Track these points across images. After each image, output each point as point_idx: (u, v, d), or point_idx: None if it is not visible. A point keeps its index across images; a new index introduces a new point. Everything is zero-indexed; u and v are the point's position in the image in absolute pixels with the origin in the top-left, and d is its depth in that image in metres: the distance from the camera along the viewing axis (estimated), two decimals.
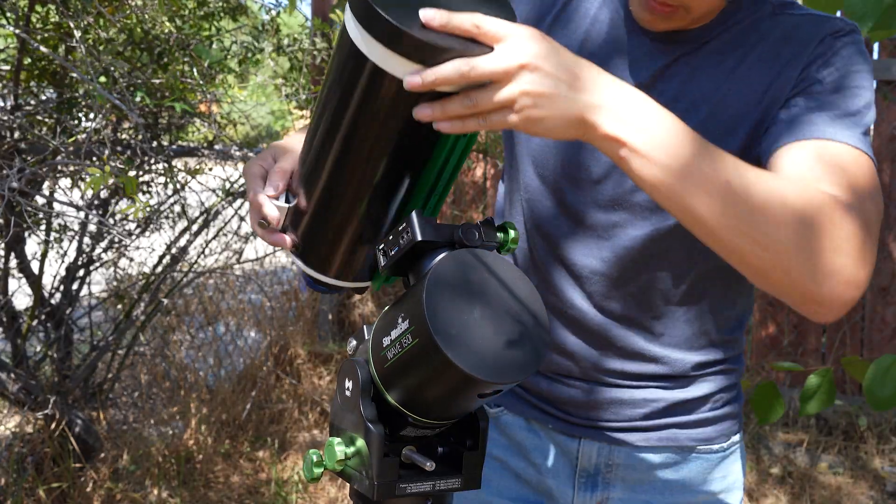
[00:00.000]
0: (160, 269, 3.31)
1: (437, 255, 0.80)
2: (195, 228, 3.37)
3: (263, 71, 3.56)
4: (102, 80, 2.40)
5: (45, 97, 2.70)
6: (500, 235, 0.85)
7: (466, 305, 0.76)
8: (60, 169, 2.57)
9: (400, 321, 0.78)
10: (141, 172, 3.02)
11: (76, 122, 2.63)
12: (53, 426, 2.81)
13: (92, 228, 3.05)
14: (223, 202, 3.34)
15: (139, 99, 2.40)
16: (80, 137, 2.25)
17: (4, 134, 2.47)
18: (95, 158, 2.20)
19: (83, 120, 2.65)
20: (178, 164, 3.25)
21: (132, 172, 2.79)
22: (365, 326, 0.87)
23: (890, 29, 1.47)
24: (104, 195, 3.04)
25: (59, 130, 2.48)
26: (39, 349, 3.12)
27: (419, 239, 0.80)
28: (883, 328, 3.92)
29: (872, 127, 3.94)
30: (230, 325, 4.23)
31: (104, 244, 3.19)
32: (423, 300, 0.74)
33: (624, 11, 1.13)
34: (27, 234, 2.87)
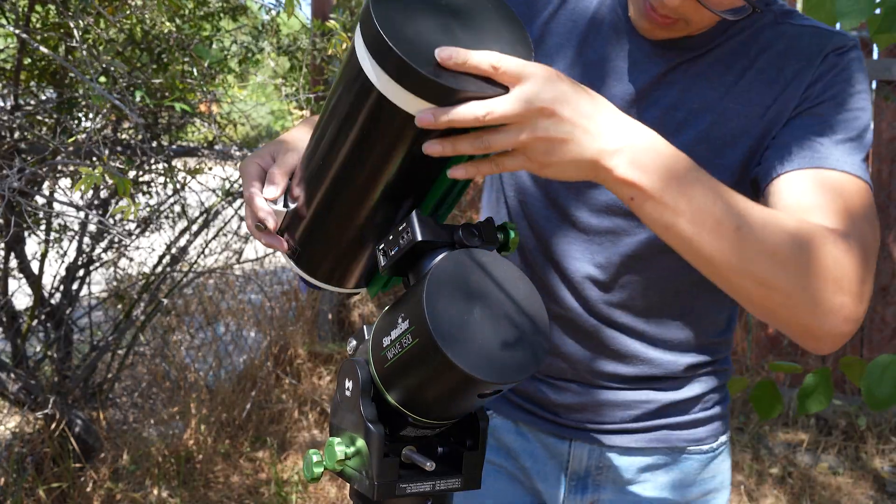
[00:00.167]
0: (160, 269, 3.31)
1: (437, 255, 0.80)
2: (195, 228, 3.37)
3: (263, 71, 3.56)
4: (102, 80, 2.40)
5: (45, 97, 2.70)
6: (500, 236, 0.85)
7: (466, 305, 0.76)
8: (60, 169, 2.57)
9: (400, 321, 0.77)
10: (141, 172, 3.02)
11: (76, 122, 2.63)
12: (53, 426, 2.81)
13: (92, 228, 3.05)
14: (223, 202, 3.34)
15: (139, 99, 2.40)
16: (80, 137, 2.25)
17: (4, 134, 2.47)
18: (95, 158, 2.20)
19: (83, 120, 2.65)
20: (177, 164, 3.26)
21: (132, 172, 2.79)
22: (365, 326, 0.87)
23: (891, 32, 1.47)
24: (104, 195, 3.04)
25: (59, 130, 2.48)
26: (39, 349, 3.12)
27: (419, 239, 0.80)
28: (883, 328, 3.92)
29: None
30: (230, 325, 4.23)
31: (104, 244, 3.19)
32: (423, 300, 0.74)
33: (622, 13, 1.11)
34: (27, 234, 2.87)
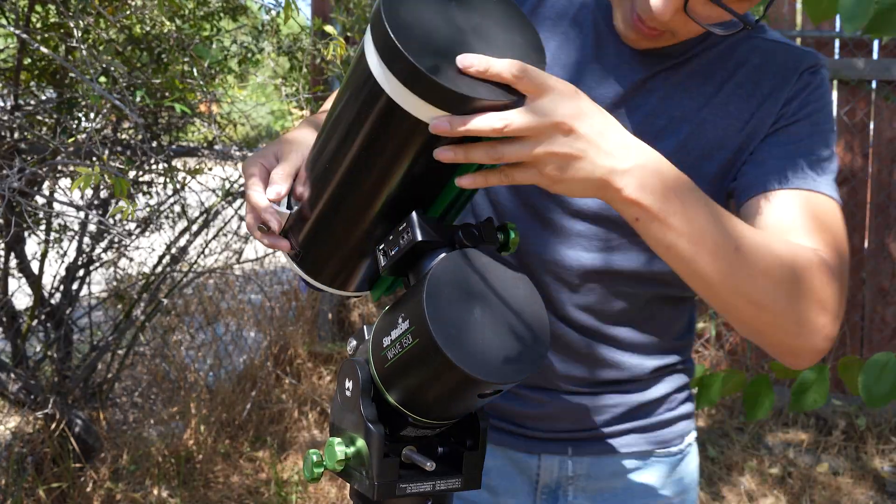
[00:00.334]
0: (160, 269, 3.31)
1: (437, 255, 0.80)
2: (195, 228, 3.37)
3: (263, 71, 3.56)
4: (102, 80, 2.40)
5: (45, 97, 2.70)
6: (500, 236, 0.85)
7: (466, 306, 0.76)
8: (60, 169, 2.57)
9: (400, 321, 0.77)
10: (141, 172, 3.02)
11: (76, 122, 2.63)
12: (53, 426, 2.81)
13: (92, 228, 3.05)
14: (223, 202, 3.34)
15: (139, 99, 2.40)
16: (80, 137, 2.25)
17: (4, 134, 2.47)
18: (95, 158, 2.20)
19: (83, 120, 2.65)
20: (177, 164, 3.26)
21: (132, 172, 2.79)
22: (365, 326, 0.87)
23: (881, 33, 1.47)
24: (104, 195, 3.04)
25: (59, 130, 2.48)
26: (39, 349, 3.12)
27: (419, 239, 0.80)
28: (883, 328, 3.92)
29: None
30: (230, 325, 4.23)
31: (104, 244, 3.19)
32: (423, 300, 0.74)
33: (603, 15, 1.11)
34: (27, 234, 2.87)
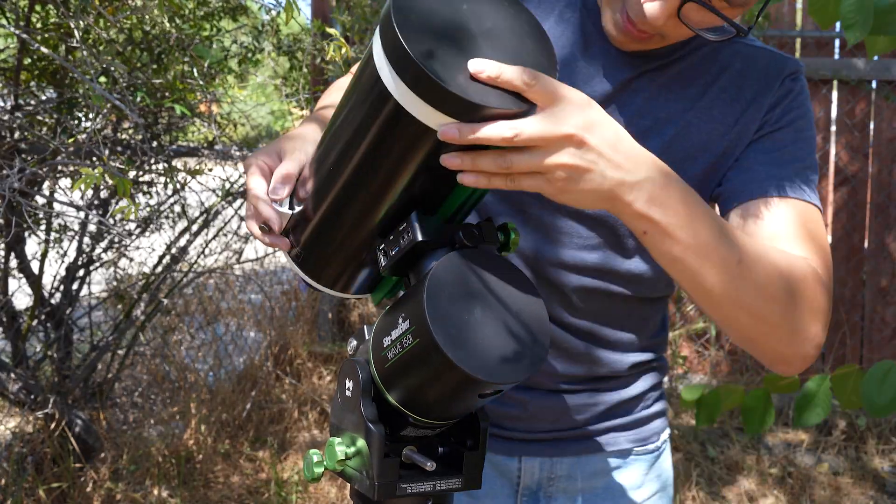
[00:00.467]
0: (160, 269, 3.31)
1: (437, 255, 0.80)
2: (195, 228, 3.37)
3: (263, 71, 3.56)
4: (102, 80, 2.40)
5: (45, 97, 2.70)
6: (500, 236, 0.85)
7: (467, 306, 0.76)
8: (60, 169, 2.57)
9: (400, 321, 0.77)
10: (141, 172, 3.02)
11: (76, 122, 2.63)
12: (53, 426, 2.81)
13: (92, 228, 3.05)
14: (223, 202, 3.34)
15: (139, 99, 2.40)
16: (80, 137, 2.25)
17: (4, 134, 2.47)
18: (95, 158, 2.20)
19: (83, 120, 2.65)
20: (177, 164, 3.26)
21: (132, 172, 2.79)
22: (365, 326, 0.87)
23: (885, 33, 1.47)
24: (104, 195, 3.04)
25: (59, 130, 2.48)
26: (39, 349, 3.12)
27: (419, 239, 0.80)
28: (883, 328, 3.92)
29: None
30: (230, 325, 4.23)
31: (104, 244, 3.19)
32: (423, 301, 0.74)
33: (589, 14, 1.11)
34: (27, 234, 2.87)
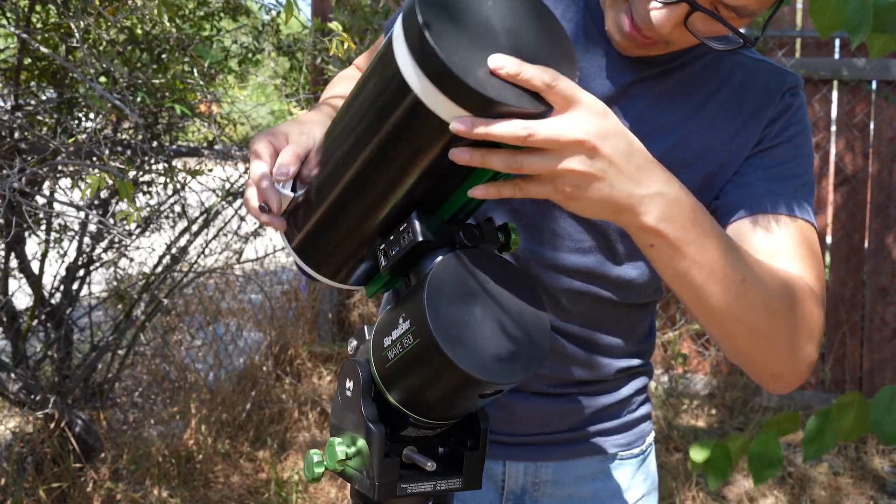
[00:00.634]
0: (160, 269, 3.31)
1: (437, 255, 0.80)
2: (195, 228, 3.37)
3: (263, 71, 3.56)
4: (102, 80, 2.40)
5: (45, 97, 2.70)
6: (500, 236, 0.85)
7: (467, 306, 0.76)
8: (60, 169, 2.57)
9: (401, 321, 0.77)
10: (141, 173, 3.02)
11: (76, 122, 2.63)
12: (53, 426, 2.81)
13: (92, 228, 3.05)
14: (223, 202, 3.34)
15: (139, 99, 2.40)
16: (80, 137, 2.25)
17: (4, 134, 2.47)
18: (95, 158, 2.20)
19: (83, 120, 2.65)
20: (177, 164, 3.26)
21: (132, 172, 2.79)
22: (365, 326, 0.87)
23: (886, 31, 1.45)
24: (104, 195, 3.04)
25: (59, 130, 2.48)
26: (39, 349, 3.12)
27: (420, 240, 0.79)
28: (883, 328, 3.92)
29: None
30: (230, 325, 4.23)
31: (104, 244, 3.19)
32: (424, 301, 0.74)
33: (592, 16, 1.10)
34: (27, 234, 2.87)
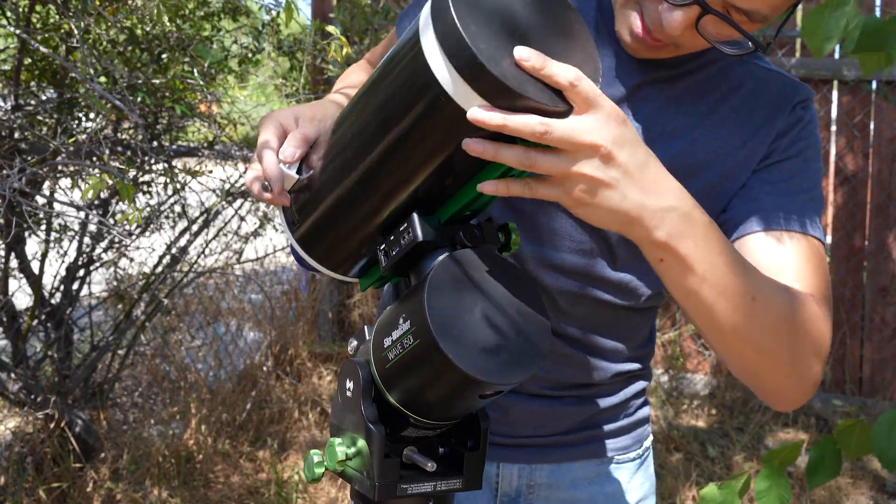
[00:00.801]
0: (160, 269, 3.31)
1: (437, 255, 0.80)
2: (195, 228, 3.37)
3: (263, 71, 3.56)
4: (102, 80, 2.40)
5: (45, 97, 2.70)
6: (500, 236, 0.85)
7: (467, 306, 0.76)
8: (60, 169, 2.57)
9: (401, 322, 0.77)
10: (141, 173, 3.02)
11: (76, 122, 2.63)
12: (53, 426, 2.81)
13: (92, 228, 3.05)
14: (223, 202, 3.34)
15: (139, 99, 2.40)
16: (80, 137, 2.25)
17: (4, 134, 2.47)
18: (95, 158, 2.20)
19: (83, 120, 2.65)
20: (177, 164, 3.26)
21: (132, 172, 2.79)
22: (366, 326, 0.87)
23: (875, 50, 1.42)
24: (104, 195, 3.04)
25: (59, 130, 2.48)
26: (39, 349, 3.12)
27: (420, 240, 0.79)
28: (883, 328, 3.92)
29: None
30: (230, 325, 4.23)
31: (104, 244, 3.19)
32: (424, 301, 0.74)
33: (603, 17, 1.09)
34: (27, 234, 2.87)
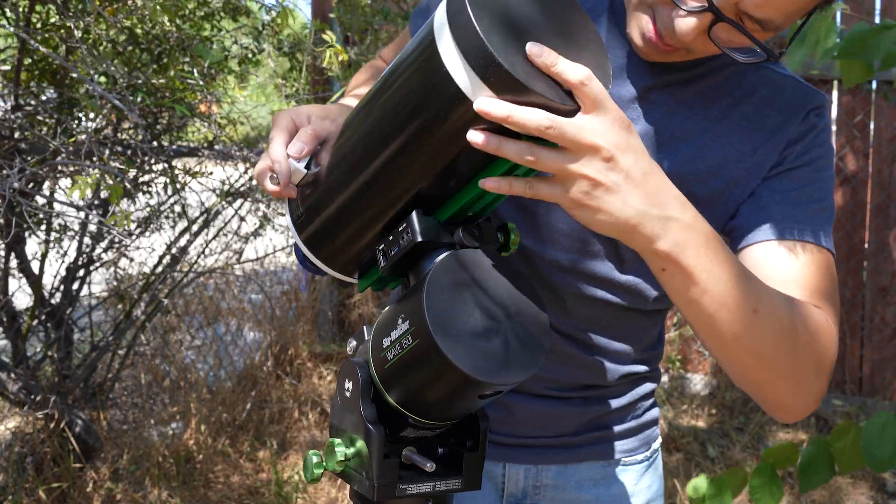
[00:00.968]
0: (160, 269, 3.31)
1: (437, 255, 0.80)
2: (195, 228, 3.37)
3: (263, 71, 3.56)
4: (102, 80, 2.40)
5: (45, 97, 2.70)
6: (500, 236, 0.85)
7: (466, 306, 0.76)
8: (61, 169, 2.57)
9: (400, 322, 0.77)
10: (141, 173, 3.02)
11: (76, 122, 2.63)
12: (53, 426, 2.81)
13: (92, 228, 3.05)
14: (223, 202, 3.34)
15: (140, 99, 2.40)
16: (80, 137, 2.25)
17: (5, 134, 2.47)
18: (95, 158, 2.20)
19: (83, 120, 2.65)
20: (178, 164, 3.25)
21: (132, 172, 2.79)
22: (365, 327, 0.87)
23: (858, 59, 1.40)
24: (104, 195, 3.04)
25: (59, 130, 2.48)
26: (39, 349, 3.12)
27: (419, 240, 0.79)
28: (883, 328, 3.92)
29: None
30: (230, 325, 4.23)
31: (104, 244, 3.19)
32: (423, 301, 0.74)
33: (615, 18, 1.08)
34: (27, 234, 2.87)
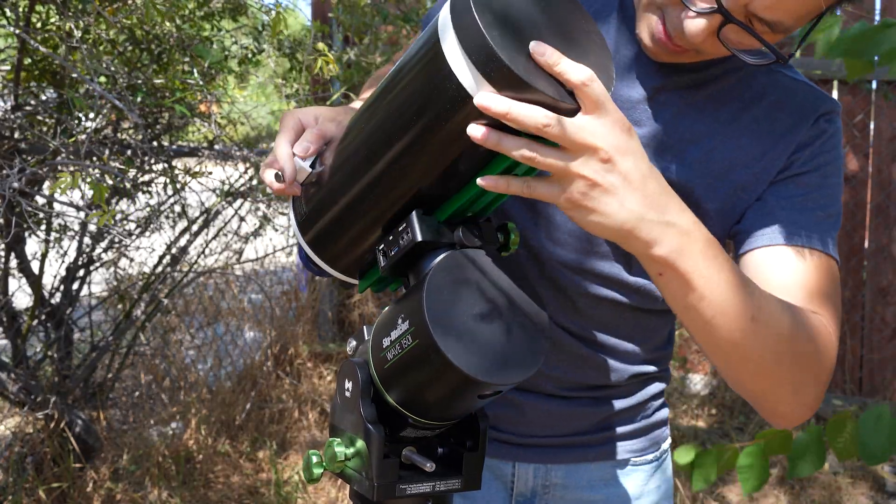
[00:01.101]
0: (160, 269, 3.31)
1: (436, 255, 0.80)
2: (195, 228, 3.37)
3: (263, 71, 3.56)
4: (102, 80, 2.40)
5: (45, 97, 2.70)
6: (500, 236, 0.85)
7: (466, 306, 0.76)
8: (60, 169, 2.57)
9: (400, 322, 0.77)
10: (141, 173, 3.02)
11: (76, 122, 2.63)
12: (53, 426, 2.81)
13: (92, 228, 3.05)
14: (223, 202, 3.34)
15: (139, 99, 2.40)
16: (80, 137, 2.25)
17: (5, 134, 2.47)
18: (95, 158, 2.20)
19: (83, 120, 2.65)
20: (178, 164, 3.25)
21: (132, 172, 2.79)
22: (365, 327, 0.87)
23: (858, 58, 1.38)
24: (105, 195, 3.04)
25: (59, 130, 2.48)
26: (39, 349, 3.12)
27: (419, 240, 0.79)
28: (883, 328, 3.92)
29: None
30: (230, 325, 4.23)
31: (104, 244, 3.19)
32: (422, 301, 0.74)
33: (625, 18, 1.07)
34: (27, 234, 2.87)
